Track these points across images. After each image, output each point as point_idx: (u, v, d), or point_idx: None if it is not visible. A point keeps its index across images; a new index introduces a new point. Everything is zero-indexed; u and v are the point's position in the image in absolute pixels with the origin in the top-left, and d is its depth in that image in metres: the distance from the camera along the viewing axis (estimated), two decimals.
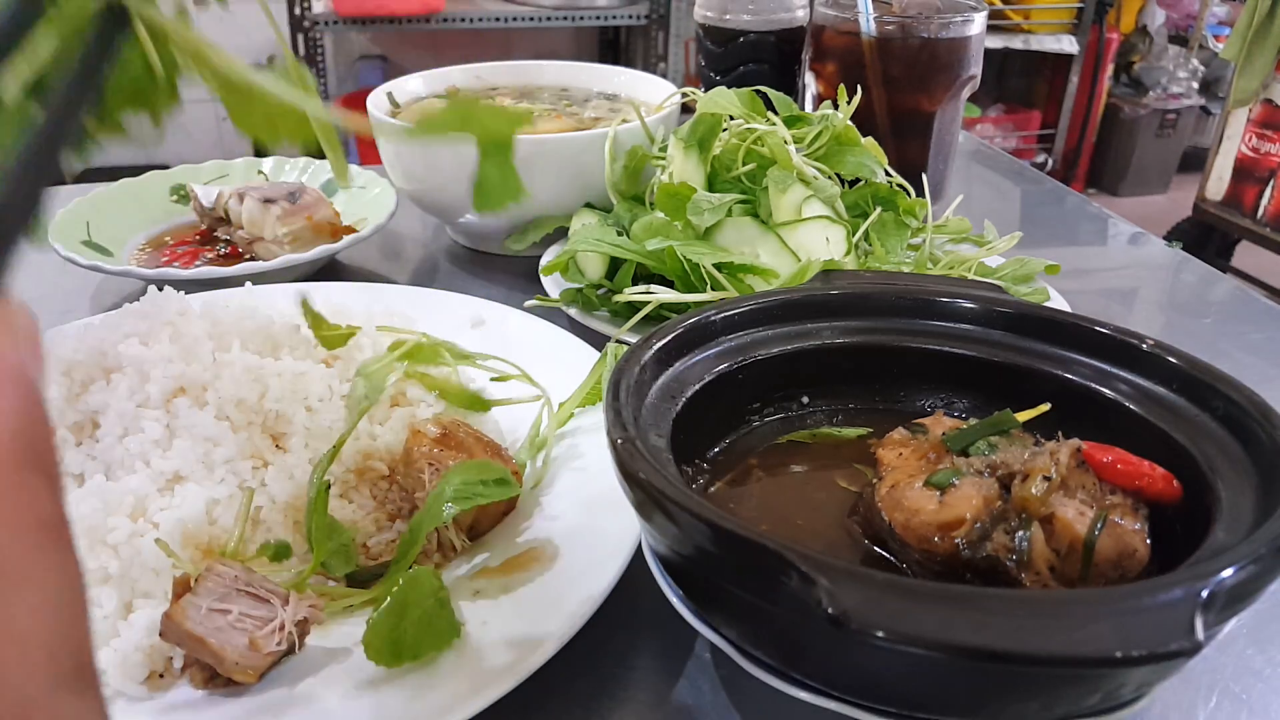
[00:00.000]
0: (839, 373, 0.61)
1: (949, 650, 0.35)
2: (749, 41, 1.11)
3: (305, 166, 1.16)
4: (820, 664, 0.42)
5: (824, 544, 0.51)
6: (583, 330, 0.83)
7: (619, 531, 0.56)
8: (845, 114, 0.91)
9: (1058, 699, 0.38)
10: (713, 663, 0.56)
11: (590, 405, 0.70)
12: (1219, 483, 0.46)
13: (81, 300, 0.99)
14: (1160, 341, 0.54)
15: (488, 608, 0.54)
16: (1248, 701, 0.54)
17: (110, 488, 0.56)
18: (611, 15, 3.53)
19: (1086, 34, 3.74)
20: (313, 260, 0.95)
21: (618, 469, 0.45)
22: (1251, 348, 0.94)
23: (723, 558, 0.41)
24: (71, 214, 1.00)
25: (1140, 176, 4.27)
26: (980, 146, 1.53)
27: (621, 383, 0.50)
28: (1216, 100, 4.17)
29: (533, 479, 0.66)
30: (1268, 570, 0.38)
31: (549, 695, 0.53)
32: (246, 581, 0.51)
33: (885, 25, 0.98)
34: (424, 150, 0.99)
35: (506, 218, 1.02)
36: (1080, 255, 1.17)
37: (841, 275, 0.71)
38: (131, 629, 0.51)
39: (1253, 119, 2.82)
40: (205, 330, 0.67)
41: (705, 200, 0.84)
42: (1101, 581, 0.45)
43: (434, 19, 3.27)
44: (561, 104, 1.16)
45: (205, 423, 0.60)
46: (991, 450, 0.50)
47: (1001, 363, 0.58)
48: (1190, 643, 0.34)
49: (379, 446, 0.65)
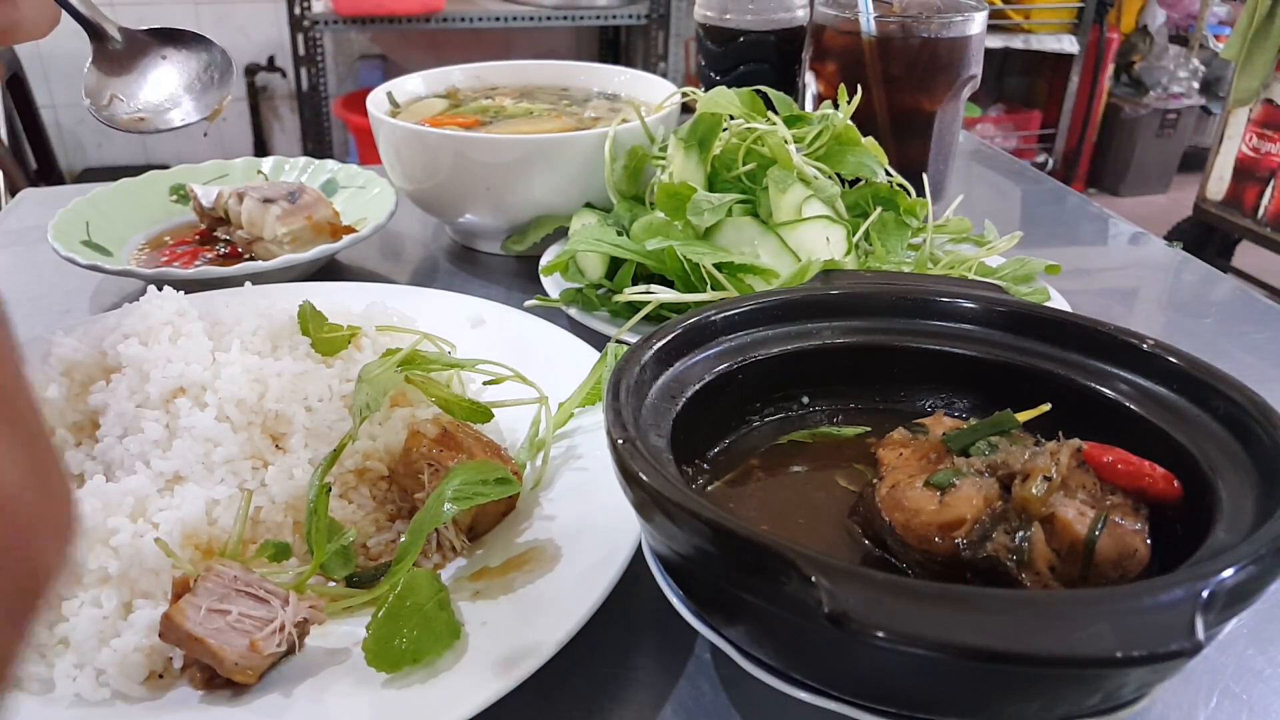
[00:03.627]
0: (839, 373, 0.61)
1: (949, 650, 0.35)
2: (749, 41, 1.11)
3: (305, 166, 1.16)
4: (820, 664, 0.42)
5: (824, 544, 0.51)
6: (583, 330, 0.83)
7: (619, 531, 0.56)
8: (845, 114, 0.91)
9: (1058, 699, 0.38)
10: (713, 663, 0.56)
11: (590, 405, 0.70)
12: (1219, 483, 0.46)
13: (81, 300, 0.99)
14: (1161, 341, 0.54)
15: (488, 608, 0.54)
16: (1248, 702, 0.54)
17: (110, 488, 0.56)
18: (611, 15, 3.53)
19: (1087, 34, 3.74)
20: (313, 260, 0.95)
21: (618, 469, 0.45)
22: (1252, 348, 0.94)
23: (723, 558, 0.41)
24: (71, 214, 1.00)
25: (1140, 176, 4.27)
26: (980, 146, 1.53)
27: (621, 383, 0.50)
28: (1217, 100, 4.17)
29: (532, 479, 0.66)
30: (1268, 570, 0.38)
31: (549, 695, 0.53)
32: (246, 582, 0.51)
33: (885, 25, 0.98)
34: (424, 150, 0.99)
35: (506, 218, 1.02)
36: (1081, 255, 1.17)
37: (841, 275, 0.71)
38: (131, 629, 0.51)
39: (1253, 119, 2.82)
40: (205, 330, 0.67)
41: (705, 200, 0.84)
42: (1102, 582, 0.45)
43: (434, 19, 3.27)
44: (561, 104, 1.16)
45: (205, 423, 0.60)
46: (992, 450, 0.50)
47: (1002, 363, 0.58)
48: (1190, 643, 0.34)
49: (379, 447, 0.65)
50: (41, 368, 0.66)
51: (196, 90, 0.75)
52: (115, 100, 0.73)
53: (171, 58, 0.75)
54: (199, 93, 0.75)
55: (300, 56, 3.38)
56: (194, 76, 0.75)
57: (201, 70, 0.76)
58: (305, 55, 3.38)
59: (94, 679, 0.50)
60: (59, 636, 0.52)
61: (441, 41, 3.82)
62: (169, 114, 0.74)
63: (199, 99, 0.75)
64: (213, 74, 0.76)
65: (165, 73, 0.75)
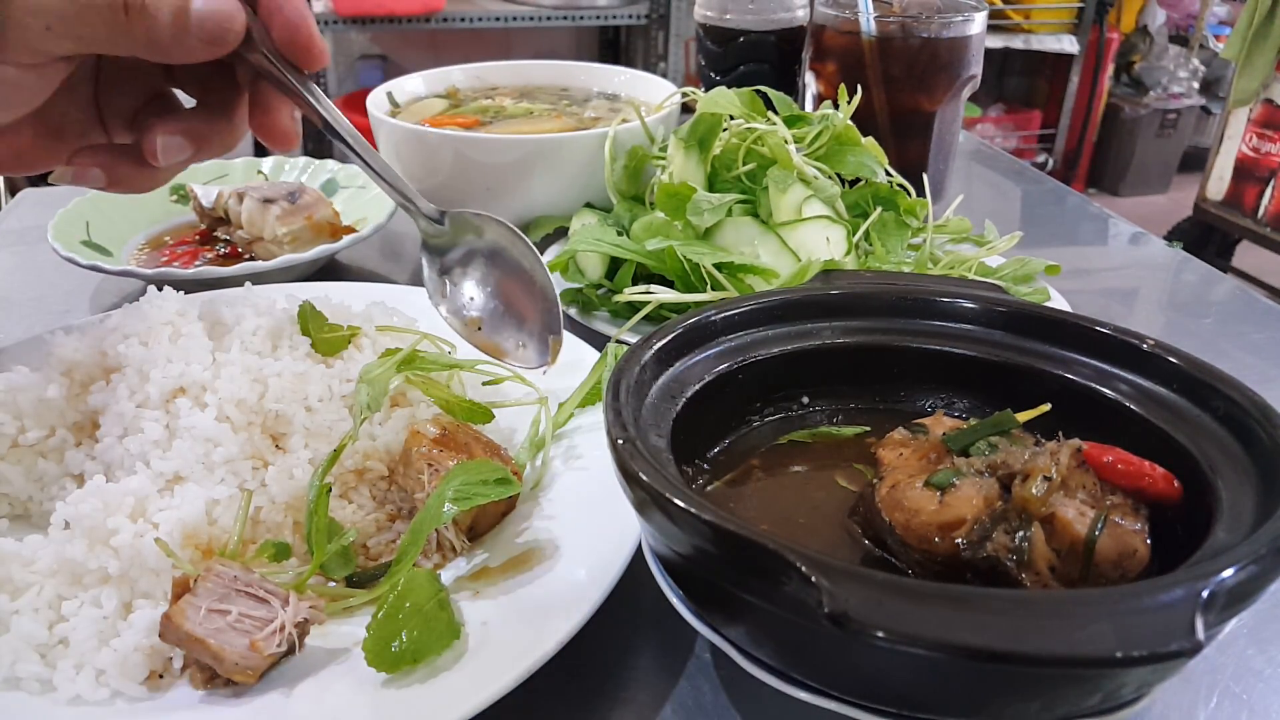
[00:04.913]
0: (839, 373, 0.61)
1: (949, 650, 0.35)
2: (749, 41, 1.11)
3: (305, 166, 1.16)
4: (820, 664, 0.42)
5: (824, 544, 0.51)
6: (583, 330, 0.83)
7: (619, 531, 0.56)
8: (845, 114, 0.91)
9: (1058, 699, 0.38)
10: (713, 663, 0.56)
11: (590, 405, 0.70)
12: (1219, 483, 0.46)
13: (81, 300, 0.99)
14: (1161, 342, 0.54)
15: (488, 608, 0.54)
16: (1248, 702, 0.54)
17: (110, 488, 0.56)
18: (611, 15, 3.53)
19: (1087, 34, 3.74)
20: (312, 260, 0.95)
21: (618, 469, 0.45)
22: (1252, 348, 0.94)
23: (723, 558, 0.41)
24: (71, 214, 1.00)
25: (1140, 176, 4.27)
26: (980, 146, 1.53)
27: (621, 383, 0.50)
28: (1217, 100, 4.18)
29: (532, 479, 0.65)
30: (1268, 570, 0.38)
31: (549, 695, 0.53)
32: (246, 582, 0.51)
33: (885, 25, 0.98)
34: (424, 150, 0.99)
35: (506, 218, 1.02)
36: (1081, 255, 1.17)
37: (841, 275, 0.71)
38: (131, 629, 0.51)
39: (1253, 119, 2.82)
40: (205, 330, 0.67)
41: (705, 200, 0.84)
42: (1102, 582, 0.45)
43: (434, 19, 3.27)
44: (561, 104, 1.16)
45: (205, 423, 0.60)
46: (992, 450, 0.50)
47: (1002, 363, 0.58)
48: (1190, 643, 0.34)
49: (379, 447, 0.65)
50: (42, 368, 0.66)
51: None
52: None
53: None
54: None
55: None
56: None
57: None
58: None
59: (94, 679, 0.50)
60: (59, 636, 0.52)
61: (441, 41, 3.82)
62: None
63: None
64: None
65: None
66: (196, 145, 0.57)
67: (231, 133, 0.58)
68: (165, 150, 0.56)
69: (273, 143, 0.60)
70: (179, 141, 0.56)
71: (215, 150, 0.58)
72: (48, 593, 0.53)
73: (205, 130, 0.58)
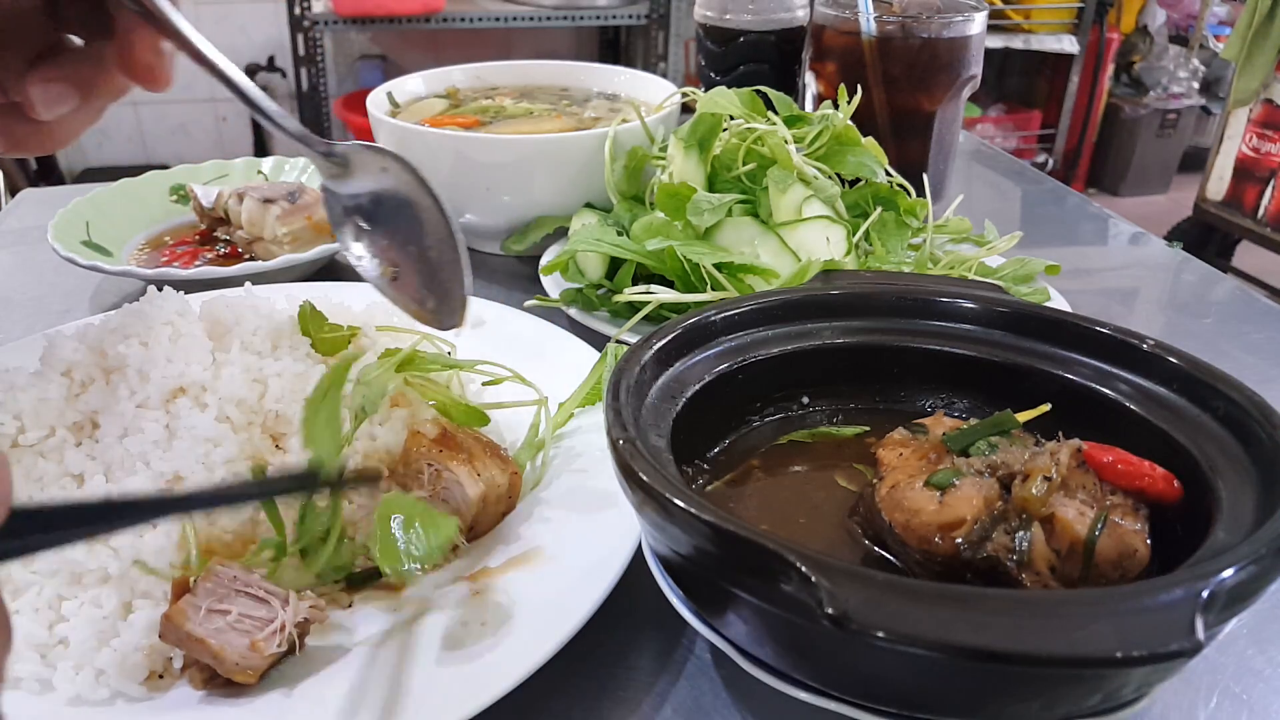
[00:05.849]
0: (839, 373, 0.61)
1: (949, 650, 0.35)
2: (749, 41, 1.11)
3: (305, 166, 1.16)
4: (820, 664, 0.42)
5: (824, 544, 0.51)
6: (583, 330, 0.83)
7: (619, 531, 0.56)
8: (845, 114, 0.91)
9: (1058, 699, 0.38)
10: (713, 663, 0.56)
11: (590, 405, 0.70)
12: (1219, 483, 0.46)
13: (81, 300, 0.99)
14: (1161, 342, 0.54)
15: (488, 608, 0.54)
16: (1248, 702, 0.54)
17: (110, 488, 0.56)
18: (611, 15, 3.53)
19: (1087, 34, 3.74)
20: (313, 260, 0.95)
21: (618, 469, 0.45)
22: (1252, 348, 0.94)
23: (723, 558, 0.41)
24: (71, 214, 1.00)
25: (1141, 176, 4.27)
26: (980, 146, 1.53)
27: (621, 383, 0.50)
28: (1217, 100, 4.17)
29: (532, 479, 0.65)
30: (1268, 570, 0.38)
31: (549, 695, 0.53)
32: (246, 582, 0.51)
33: (885, 25, 0.98)
34: (424, 150, 0.99)
35: (506, 218, 1.02)
36: (1081, 255, 1.17)
37: (841, 275, 0.71)
38: (131, 629, 0.51)
39: (1253, 119, 2.82)
40: (205, 330, 0.67)
41: (705, 200, 0.84)
42: (1102, 582, 0.45)
43: (434, 19, 3.27)
44: (561, 104, 1.16)
45: (205, 423, 0.60)
46: (992, 450, 0.50)
47: (1002, 363, 0.58)
48: (1191, 643, 0.34)
49: (379, 447, 0.65)
50: (41, 368, 0.66)
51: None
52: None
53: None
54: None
55: (300, 57, 3.38)
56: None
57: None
58: (305, 55, 3.38)
59: (94, 679, 0.50)
60: (59, 637, 0.52)
61: (441, 41, 3.82)
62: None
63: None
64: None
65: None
66: (81, 92, 0.52)
67: (116, 76, 0.53)
68: (45, 101, 0.50)
69: (139, 79, 0.53)
70: (60, 90, 0.51)
71: (105, 96, 0.53)
72: (47, 593, 0.53)
73: (90, 74, 0.52)
